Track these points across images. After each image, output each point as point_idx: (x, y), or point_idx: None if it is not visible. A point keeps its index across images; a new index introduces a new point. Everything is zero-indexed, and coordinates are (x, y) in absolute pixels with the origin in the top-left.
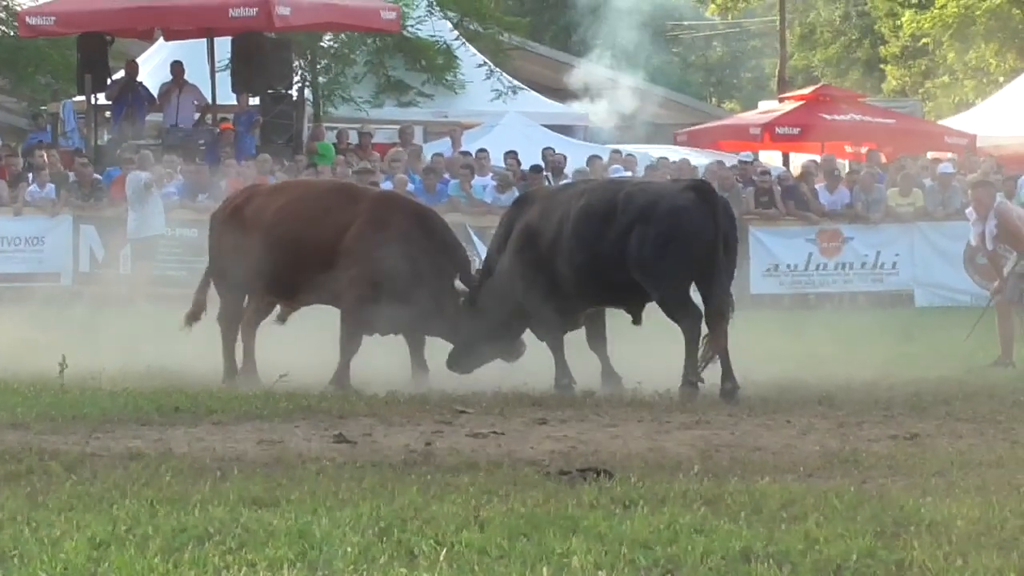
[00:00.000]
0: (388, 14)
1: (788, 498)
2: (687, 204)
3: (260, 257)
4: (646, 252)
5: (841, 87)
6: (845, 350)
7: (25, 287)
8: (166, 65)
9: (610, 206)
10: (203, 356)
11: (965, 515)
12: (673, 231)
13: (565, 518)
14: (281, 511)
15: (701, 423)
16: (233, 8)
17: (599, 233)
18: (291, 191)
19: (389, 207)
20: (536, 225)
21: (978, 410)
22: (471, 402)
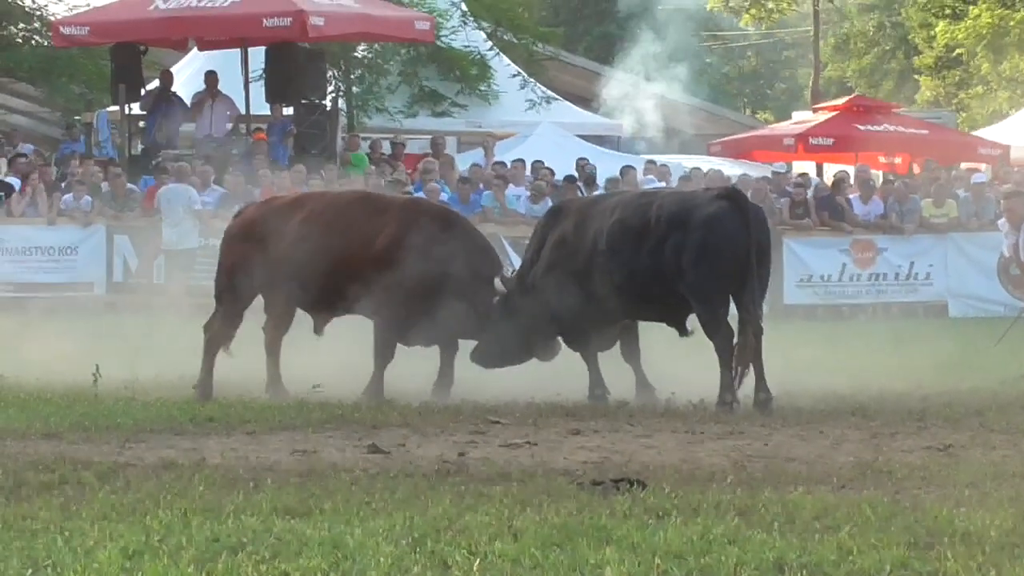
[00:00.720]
0: (422, 24)
1: (821, 509)
2: (719, 212)
3: (289, 270)
4: (682, 263)
5: (875, 98)
6: (878, 361)
7: (59, 296)
8: (200, 75)
9: (644, 218)
10: (236, 366)
11: (998, 526)
12: (707, 240)
13: (598, 528)
14: (314, 521)
15: (734, 434)
16: (267, 18)
17: (634, 246)
18: (314, 203)
19: (417, 213)
20: (571, 237)
21: (1012, 421)
22: (504, 413)
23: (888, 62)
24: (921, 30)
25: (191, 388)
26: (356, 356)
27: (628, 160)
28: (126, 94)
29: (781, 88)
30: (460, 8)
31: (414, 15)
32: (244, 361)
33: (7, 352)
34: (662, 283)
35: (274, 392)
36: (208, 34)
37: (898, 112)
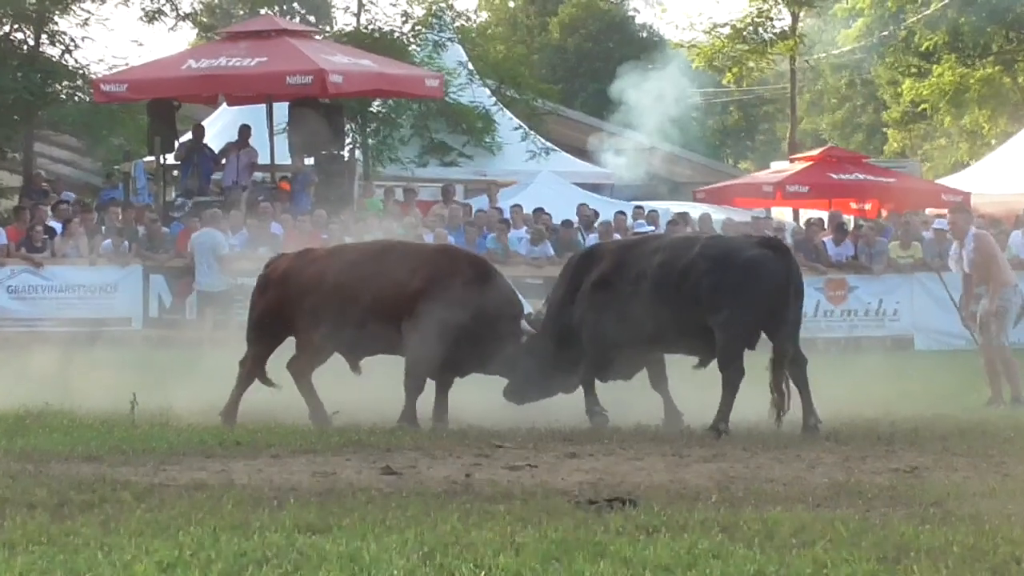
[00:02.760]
0: (432, 82)
1: (798, 526)
2: (762, 257)
3: (328, 314)
4: (720, 300)
5: (847, 149)
6: (850, 390)
7: (100, 331)
8: (228, 128)
9: (688, 260)
10: (262, 395)
11: (960, 542)
12: (748, 282)
13: (594, 544)
14: (333, 537)
15: (718, 457)
16: (290, 76)
17: (678, 285)
18: (351, 252)
19: (449, 260)
20: (611, 277)
21: (972, 445)
22: (507, 437)
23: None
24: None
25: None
26: (373, 385)
27: (620, 206)
28: (161, 146)
29: (761, 140)
30: (467, 67)
31: (425, 73)
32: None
33: (53, 381)
34: (700, 320)
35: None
36: (236, 91)
37: (868, 162)
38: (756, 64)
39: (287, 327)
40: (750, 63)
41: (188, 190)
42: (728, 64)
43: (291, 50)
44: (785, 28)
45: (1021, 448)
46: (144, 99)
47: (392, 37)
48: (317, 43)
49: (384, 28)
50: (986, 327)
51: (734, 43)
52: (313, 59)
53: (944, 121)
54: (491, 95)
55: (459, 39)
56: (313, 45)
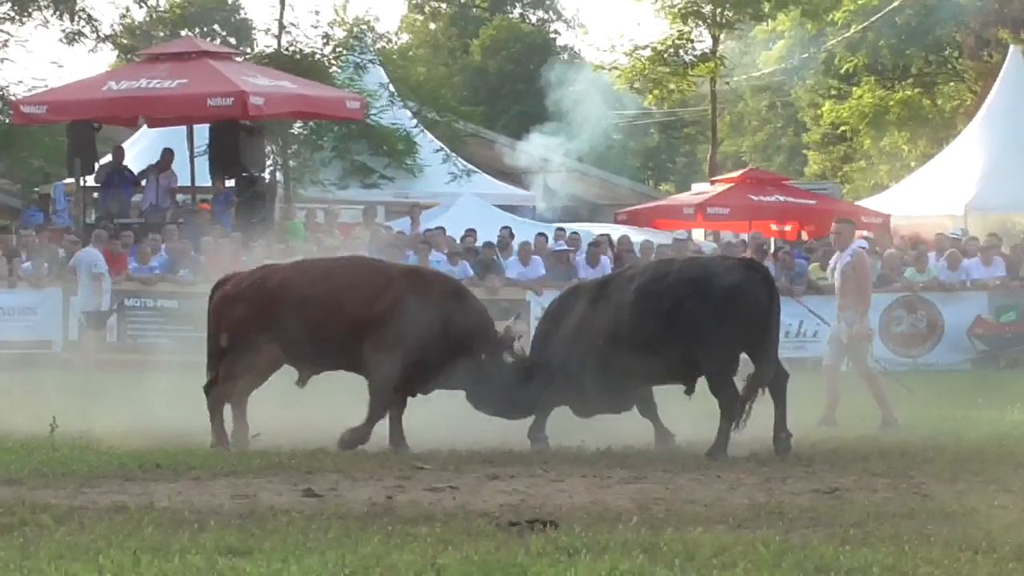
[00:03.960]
0: (352, 104)
1: (719, 546)
2: (741, 280)
3: (291, 329)
4: (702, 326)
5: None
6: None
7: (21, 353)
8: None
9: (664, 285)
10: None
11: (880, 562)
12: (729, 306)
13: (515, 565)
14: (254, 559)
15: (639, 478)
16: (211, 98)
17: (655, 312)
18: (317, 267)
19: (417, 280)
20: (590, 315)
21: (892, 466)
22: (429, 459)
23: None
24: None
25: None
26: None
27: (541, 228)
28: (81, 167)
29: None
30: (388, 89)
31: (346, 95)
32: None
33: None
34: (682, 346)
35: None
36: (157, 113)
37: (788, 184)
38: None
39: (255, 342)
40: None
41: (108, 212)
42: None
43: (212, 72)
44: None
45: (941, 469)
46: (64, 120)
47: (313, 59)
48: (238, 65)
49: (305, 50)
50: (856, 349)
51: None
52: (234, 81)
53: (864, 143)
54: (412, 117)
55: (380, 61)
56: (234, 67)
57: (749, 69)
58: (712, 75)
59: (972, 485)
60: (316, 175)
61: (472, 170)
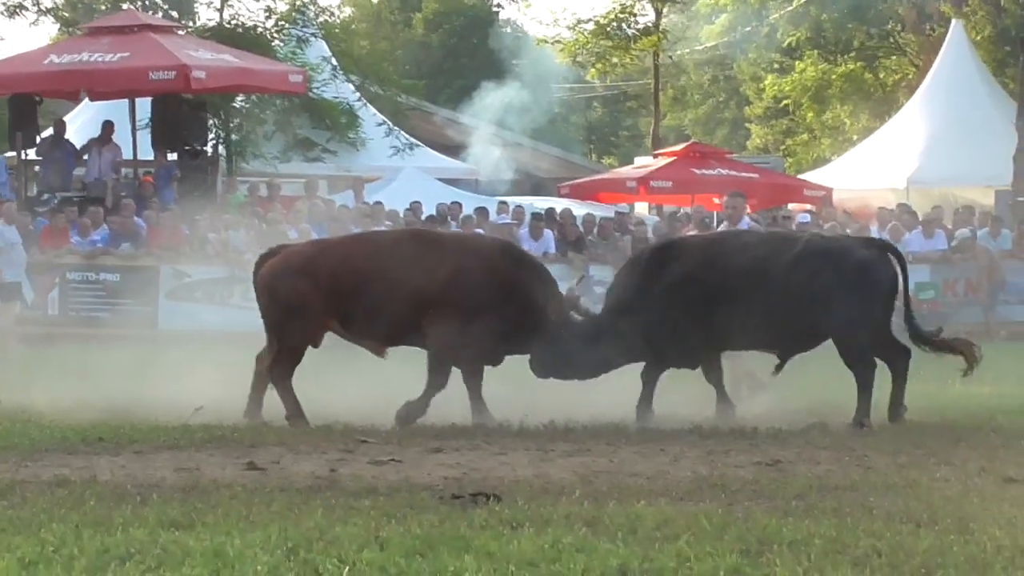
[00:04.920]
0: (295, 77)
1: (662, 519)
2: (874, 258)
3: (352, 305)
4: (837, 302)
5: (710, 144)
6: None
7: None
8: (90, 124)
9: (795, 257)
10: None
11: (822, 534)
12: (865, 283)
13: (458, 538)
14: (197, 533)
15: (582, 451)
16: (153, 72)
17: (784, 283)
18: (378, 240)
19: (474, 247)
20: (699, 274)
21: (835, 439)
22: (372, 432)
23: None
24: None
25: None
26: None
27: (484, 201)
28: (23, 141)
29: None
30: (331, 63)
31: (288, 69)
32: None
33: None
34: (802, 317)
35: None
36: (99, 86)
37: (731, 157)
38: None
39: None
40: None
41: (50, 186)
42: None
43: (154, 45)
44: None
45: (882, 442)
46: (5, 94)
47: (255, 32)
48: (180, 38)
49: (247, 23)
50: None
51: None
52: (176, 54)
53: (807, 117)
54: (355, 91)
55: (323, 34)
56: (176, 40)
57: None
58: (655, 49)
59: (913, 458)
60: (258, 149)
61: (415, 144)
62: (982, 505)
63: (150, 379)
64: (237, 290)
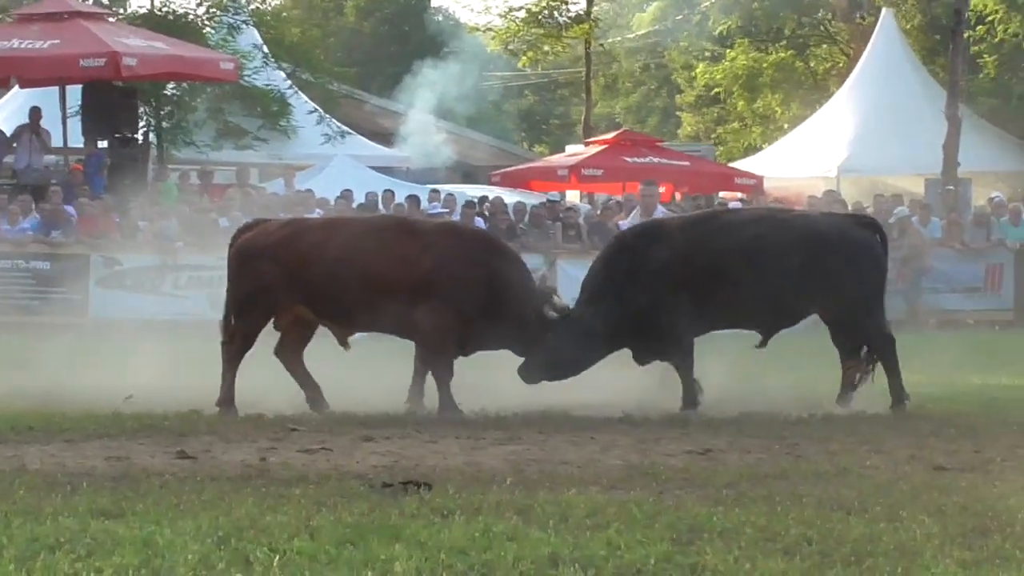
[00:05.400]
0: (226, 65)
1: (592, 508)
2: (868, 238)
3: (327, 287)
4: (845, 283)
5: (641, 132)
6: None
7: None
8: (20, 111)
9: (792, 237)
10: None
11: (753, 523)
12: (863, 264)
13: (388, 527)
14: (127, 522)
15: (513, 440)
16: (84, 59)
17: (782, 264)
18: (353, 225)
19: (455, 236)
20: (689, 254)
21: (765, 427)
22: (302, 421)
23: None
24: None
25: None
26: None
27: (415, 189)
28: None
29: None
30: (262, 50)
31: (219, 56)
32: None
33: None
34: (798, 297)
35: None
36: (29, 73)
37: (662, 146)
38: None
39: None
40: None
41: None
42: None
43: (84, 32)
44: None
45: (813, 430)
46: None
47: (187, 20)
48: (111, 25)
49: (178, 11)
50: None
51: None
52: (107, 41)
53: (738, 105)
54: (286, 78)
55: (254, 22)
56: (107, 27)
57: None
58: (586, 37)
59: (844, 446)
60: (189, 136)
61: (346, 132)
62: (912, 493)
63: (81, 367)
64: (168, 278)
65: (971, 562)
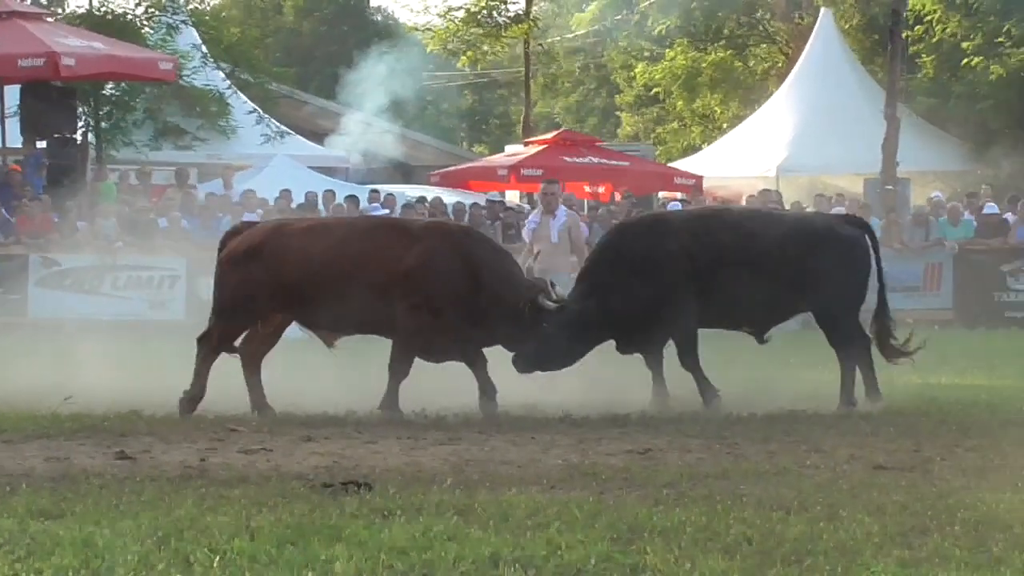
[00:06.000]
0: (165, 65)
1: (533, 508)
2: (858, 237)
3: (311, 290)
4: (823, 282)
5: (580, 132)
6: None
7: None
8: None
9: (784, 235)
10: None
11: (693, 522)
12: (853, 262)
13: (329, 527)
14: (67, 523)
15: (454, 440)
16: (22, 59)
17: (775, 261)
18: (338, 227)
19: (442, 235)
20: (691, 249)
21: (705, 427)
22: (242, 421)
23: (592, 100)
24: (622, 71)
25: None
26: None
27: (355, 190)
28: None
29: (495, 123)
30: (201, 50)
31: (158, 56)
32: None
33: None
34: (790, 296)
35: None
36: None
37: (601, 145)
38: (491, 48)
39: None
40: (484, 47)
41: None
42: (463, 48)
43: (22, 32)
44: (519, 12)
45: (753, 430)
46: None
47: (125, 20)
48: (49, 25)
49: (117, 11)
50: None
51: (469, 27)
52: (45, 41)
53: (677, 105)
54: (225, 78)
55: (193, 22)
56: (45, 27)
57: (563, 31)
58: (525, 37)
59: (784, 445)
60: (128, 137)
61: (286, 132)
62: (851, 492)
63: (20, 368)
64: (107, 278)
65: (910, 561)
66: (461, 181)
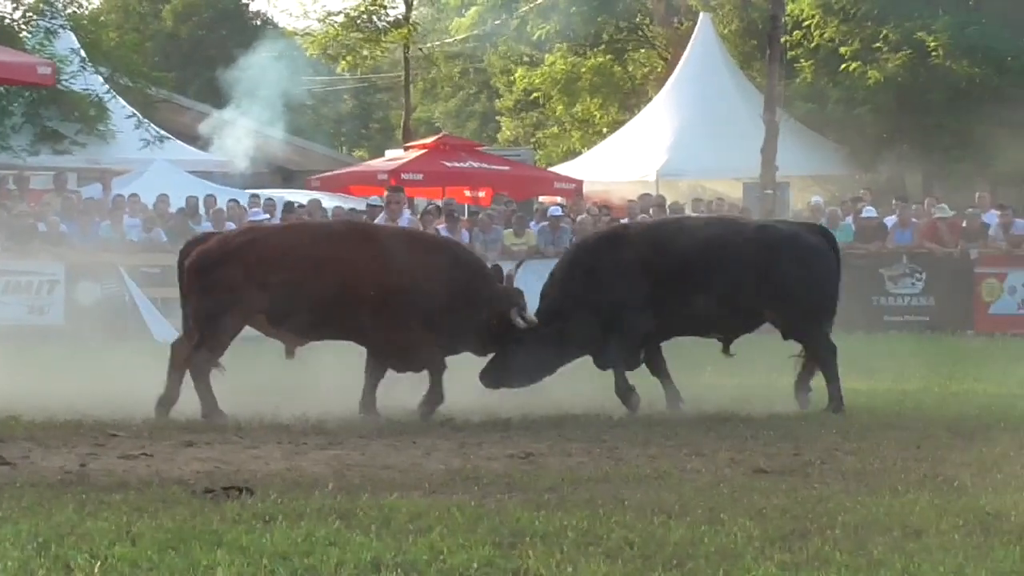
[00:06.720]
0: (44, 69)
1: (415, 512)
2: (823, 245)
3: (286, 296)
4: (793, 289)
5: (460, 137)
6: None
7: None
8: None
9: (747, 244)
10: None
11: (575, 526)
12: (821, 269)
13: (210, 532)
14: None
15: (335, 444)
16: None
17: (739, 270)
18: (308, 230)
19: (410, 242)
20: (651, 259)
21: (587, 431)
22: (123, 426)
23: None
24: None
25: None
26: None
27: (235, 194)
28: None
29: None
30: (79, 54)
31: (36, 60)
32: None
33: None
34: (754, 304)
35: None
36: None
37: (481, 150)
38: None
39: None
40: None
41: None
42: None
43: None
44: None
45: (634, 434)
46: None
47: (3, 23)
48: None
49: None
50: None
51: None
52: None
53: (557, 110)
54: (104, 82)
55: (71, 26)
56: None
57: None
58: (405, 41)
59: (664, 449)
60: (6, 141)
61: (165, 136)
62: (732, 496)
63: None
64: None
65: (791, 564)
66: (342, 186)
